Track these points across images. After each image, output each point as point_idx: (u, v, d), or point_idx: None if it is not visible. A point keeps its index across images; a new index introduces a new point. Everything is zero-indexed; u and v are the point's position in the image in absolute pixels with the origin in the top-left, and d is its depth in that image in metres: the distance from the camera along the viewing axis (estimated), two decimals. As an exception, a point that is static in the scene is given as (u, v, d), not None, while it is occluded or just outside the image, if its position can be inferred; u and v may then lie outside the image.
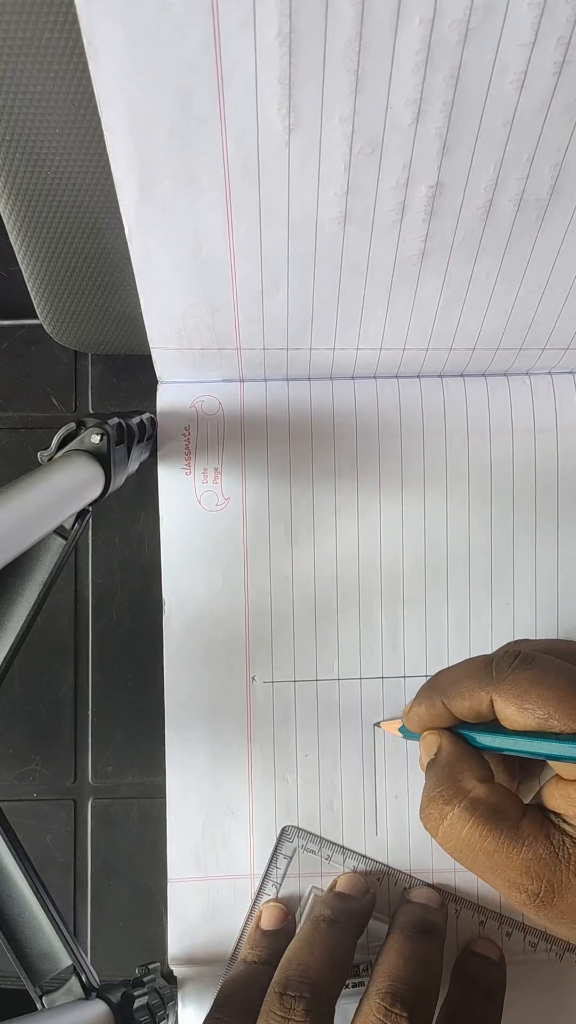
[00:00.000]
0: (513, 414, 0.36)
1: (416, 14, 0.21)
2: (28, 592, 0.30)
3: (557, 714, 0.25)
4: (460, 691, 0.27)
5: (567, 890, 0.25)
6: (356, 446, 0.35)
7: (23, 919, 0.30)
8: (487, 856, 0.25)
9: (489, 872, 0.26)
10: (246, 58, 0.22)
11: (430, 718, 0.29)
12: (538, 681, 0.26)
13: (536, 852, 0.25)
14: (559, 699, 0.25)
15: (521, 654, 0.27)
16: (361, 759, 0.35)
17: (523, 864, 0.25)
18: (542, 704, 0.25)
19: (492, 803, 0.26)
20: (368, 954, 0.33)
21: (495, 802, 0.26)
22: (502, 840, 0.25)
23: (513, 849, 0.25)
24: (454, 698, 0.28)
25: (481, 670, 0.27)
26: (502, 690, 0.26)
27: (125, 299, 0.34)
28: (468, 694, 0.27)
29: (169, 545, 0.35)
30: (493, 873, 0.26)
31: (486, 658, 0.28)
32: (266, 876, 0.34)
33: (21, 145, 0.27)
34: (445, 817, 0.26)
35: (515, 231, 0.28)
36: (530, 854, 0.25)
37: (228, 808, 0.34)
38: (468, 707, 0.27)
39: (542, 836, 0.25)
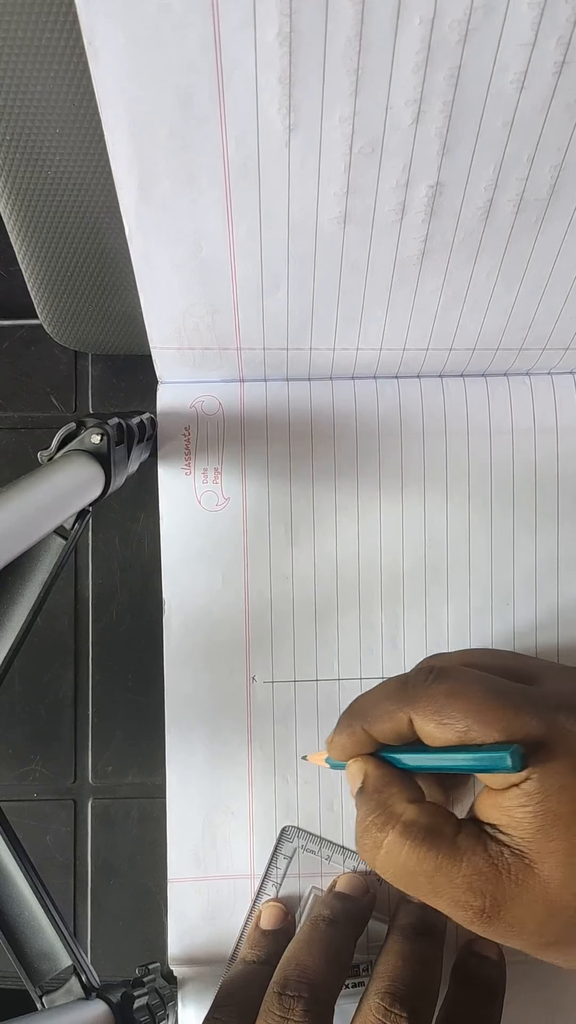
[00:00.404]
0: (513, 414, 0.36)
1: (416, 14, 0.21)
2: (28, 592, 0.30)
3: (475, 725, 0.25)
4: (379, 714, 0.27)
5: (512, 902, 0.24)
6: (356, 446, 0.35)
7: (23, 919, 0.30)
8: (427, 878, 0.25)
9: (432, 895, 0.25)
10: (246, 58, 0.22)
11: (353, 745, 0.28)
12: (453, 694, 0.25)
13: (476, 867, 0.24)
14: (475, 710, 0.25)
15: (435, 669, 0.27)
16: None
17: (464, 881, 0.24)
18: (459, 717, 0.25)
19: (425, 823, 0.26)
20: (368, 954, 0.33)
21: (428, 822, 0.26)
22: (440, 860, 0.25)
23: (453, 867, 0.25)
24: (374, 722, 0.27)
25: (397, 690, 0.27)
26: (419, 708, 0.26)
27: (125, 299, 0.34)
28: (387, 716, 0.27)
29: (169, 545, 0.35)
30: (436, 895, 0.25)
31: (401, 678, 0.28)
32: (266, 876, 0.34)
33: (21, 145, 0.27)
34: (380, 845, 0.26)
35: (515, 231, 0.28)
36: (470, 869, 0.24)
37: (228, 808, 0.34)
38: (389, 729, 0.27)
39: (480, 849, 0.25)
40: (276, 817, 0.34)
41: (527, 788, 0.24)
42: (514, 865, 0.24)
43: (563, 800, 0.24)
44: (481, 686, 0.25)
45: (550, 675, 0.28)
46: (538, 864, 0.24)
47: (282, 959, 0.29)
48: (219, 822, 0.34)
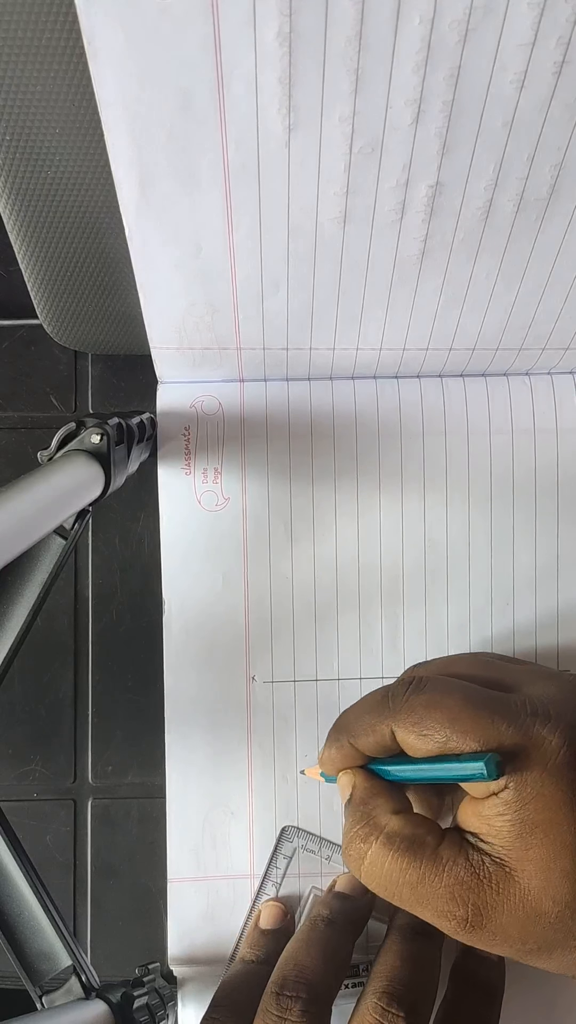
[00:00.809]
0: (513, 414, 0.36)
1: (416, 14, 0.21)
2: (28, 592, 0.30)
3: (454, 735, 0.25)
4: (363, 728, 0.27)
5: (494, 910, 0.24)
6: (356, 446, 0.35)
7: (23, 919, 0.30)
8: (411, 888, 0.25)
9: (416, 904, 0.25)
10: (246, 58, 0.22)
11: (342, 759, 0.29)
12: (432, 704, 0.25)
13: (457, 876, 0.24)
14: (453, 719, 0.25)
15: (415, 680, 0.27)
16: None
17: (447, 891, 0.24)
18: (438, 727, 0.25)
19: (408, 834, 0.26)
20: (367, 954, 0.33)
21: (411, 832, 0.26)
22: (423, 870, 0.25)
23: (435, 877, 0.25)
24: (359, 736, 0.28)
25: (379, 703, 0.27)
26: (400, 720, 0.26)
27: (125, 299, 0.34)
28: (370, 729, 0.27)
29: (169, 545, 0.35)
30: (420, 905, 0.25)
31: (383, 690, 0.28)
32: (266, 876, 0.34)
33: (21, 145, 0.27)
34: (364, 856, 0.26)
35: (515, 231, 0.28)
36: (452, 879, 0.24)
37: (228, 808, 0.34)
38: (373, 742, 0.27)
39: (461, 859, 0.25)
40: (276, 817, 0.34)
41: (505, 797, 0.24)
42: (495, 874, 0.24)
43: (539, 808, 0.24)
44: (460, 695, 0.26)
45: (529, 681, 0.28)
46: (518, 872, 0.24)
47: (280, 959, 0.29)
48: (219, 822, 0.34)
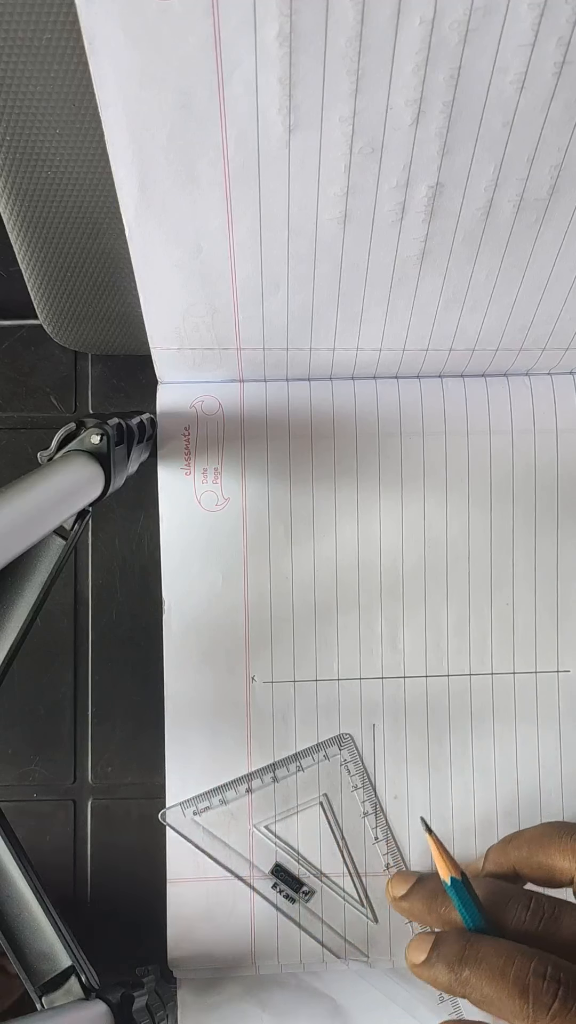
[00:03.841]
0: (513, 414, 0.36)
1: (416, 14, 0.21)
2: (28, 592, 0.30)
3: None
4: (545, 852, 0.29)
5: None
6: (356, 446, 0.35)
7: (23, 919, 0.30)
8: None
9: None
10: (246, 58, 0.22)
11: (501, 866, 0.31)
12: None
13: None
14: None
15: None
16: (360, 759, 0.35)
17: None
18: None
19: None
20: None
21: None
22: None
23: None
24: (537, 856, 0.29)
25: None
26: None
27: (125, 299, 0.34)
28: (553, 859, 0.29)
29: (169, 545, 0.35)
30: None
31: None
32: (298, 756, 0.34)
33: (21, 145, 0.27)
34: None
35: (515, 232, 0.28)
36: None
37: (227, 808, 0.34)
38: (545, 870, 0.29)
39: None
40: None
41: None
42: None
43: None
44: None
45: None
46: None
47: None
48: (218, 823, 0.34)
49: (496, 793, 0.34)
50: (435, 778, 0.35)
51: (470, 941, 0.27)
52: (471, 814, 0.34)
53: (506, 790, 0.35)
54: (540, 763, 0.35)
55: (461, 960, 0.26)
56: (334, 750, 0.34)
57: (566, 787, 0.34)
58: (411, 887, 0.31)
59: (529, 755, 0.35)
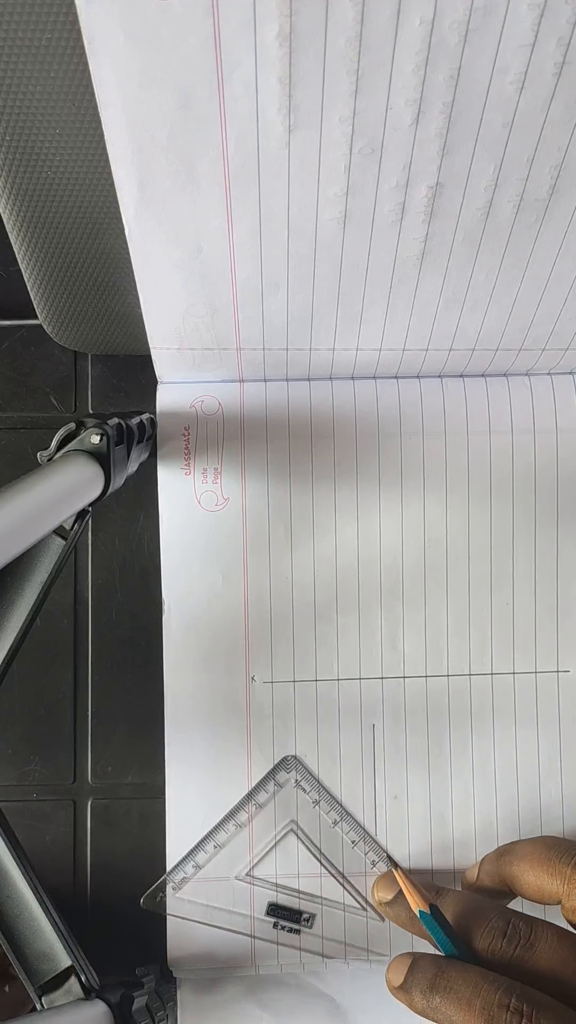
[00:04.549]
0: (513, 414, 0.36)
1: (416, 15, 0.21)
2: (28, 592, 0.30)
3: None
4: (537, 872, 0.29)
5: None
6: (356, 446, 0.35)
7: (23, 919, 0.30)
8: None
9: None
10: (246, 58, 0.22)
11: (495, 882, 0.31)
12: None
13: None
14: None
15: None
16: (360, 759, 0.35)
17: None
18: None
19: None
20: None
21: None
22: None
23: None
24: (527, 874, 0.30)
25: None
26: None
27: (125, 299, 0.34)
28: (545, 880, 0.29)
29: (169, 545, 0.35)
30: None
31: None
32: (251, 794, 0.34)
33: (21, 145, 0.27)
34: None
35: (515, 232, 0.28)
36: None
37: (227, 808, 0.34)
38: (537, 888, 0.29)
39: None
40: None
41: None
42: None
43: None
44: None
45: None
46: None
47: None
48: (218, 822, 0.34)
49: (496, 793, 0.34)
50: (435, 778, 0.35)
51: (442, 968, 0.27)
52: (471, 814, 0.34)
53: (506, 790, 0.35)
54: (540, 763, 0.35)
55: (432, 987, 0.27)
56: (283, 775, 0.34)
57: (566, 787, 0.34)
58: (396, 895, 0.31)
59: (529, 755, 0.35)
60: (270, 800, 0.34)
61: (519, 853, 0.30)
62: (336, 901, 0.34)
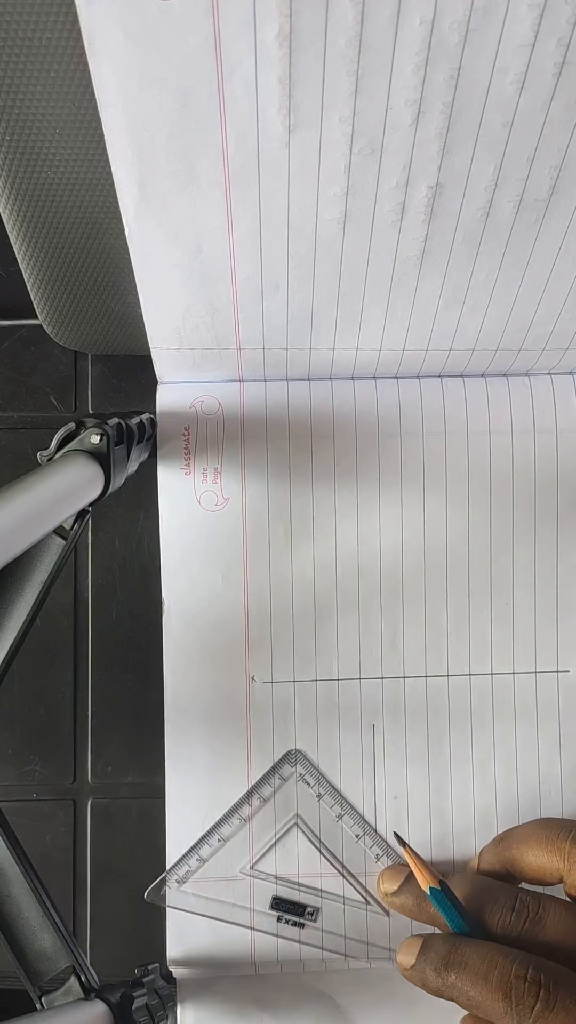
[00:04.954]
0: (512, 415, 0.36)
1: (416, 15, 0.21)
2: (28, 592, 0.30)
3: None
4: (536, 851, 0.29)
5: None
6: (356, 446, 0.35)
7: (22, 919, 0.30)
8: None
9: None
10: (246, 58, 0.22)
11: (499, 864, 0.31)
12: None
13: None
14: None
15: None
16: (360, 759, 0.35)
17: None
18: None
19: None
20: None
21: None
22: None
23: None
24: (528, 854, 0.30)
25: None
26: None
27: (125, 299, 0.34)
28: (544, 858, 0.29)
29: (169, 545, 0.35)
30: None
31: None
32: (255, 788, 0.34)
33: (21, 145, 0.27)
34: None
35: (515, 232, 0.28)
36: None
37: (227, 808, 0.34)
38: (537, 868, 0.29)
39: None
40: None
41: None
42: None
43: None
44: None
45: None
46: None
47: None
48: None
49: (495, 793, 0.34)
50: (435, 778, 0.35)
51: (455, 945, 0.27)
52: (471, 814, 0.34)
53: (505, 790, 0.35)
54: (540, 763, 0.35)
55: (447, 965, 0.27)
56: (287, 769, 0.34)
57: (565, 787, 0.34)
58: (402, 884, 0.31)
59: (529, 755, 0.35)
60: (274, 794, 0.34)
61: (517, 836, 0.30)
62: (337, 895, 0.34)
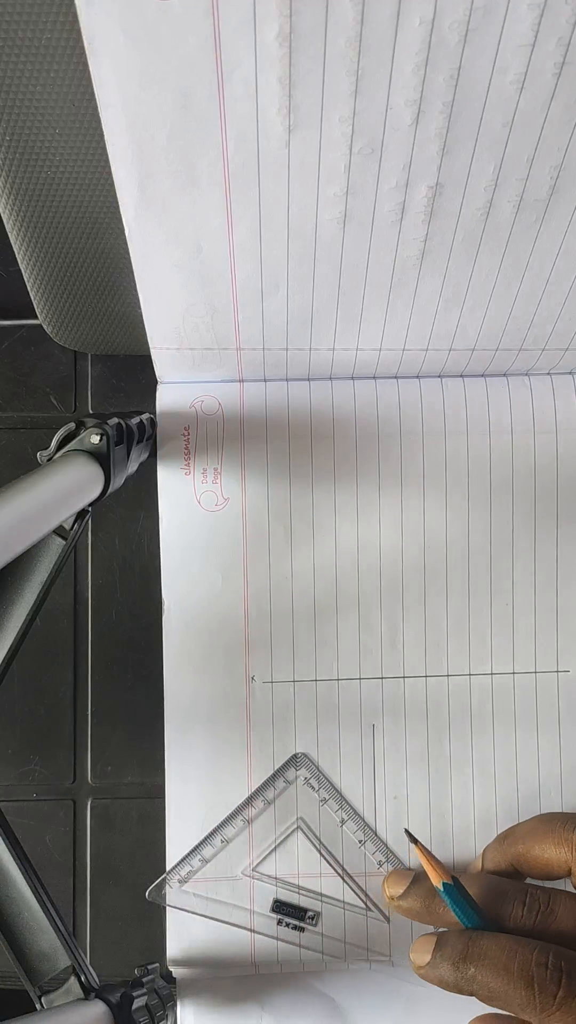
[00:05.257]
0: (512, 415, 0.36)
1: (416, 15, 0.21)
2: (28, 592, 0.30)
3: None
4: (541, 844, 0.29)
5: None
6: (355, 446, 0.35)
7: (22, 919, 0.30)
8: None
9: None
10: (246, 58, 0.22)
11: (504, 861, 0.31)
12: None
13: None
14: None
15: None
16: (360, 759, 0.35)
17: None
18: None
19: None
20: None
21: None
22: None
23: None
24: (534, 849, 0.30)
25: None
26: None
27: (125, 299, 0.34)
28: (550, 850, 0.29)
29: (168, 545, 0.35)
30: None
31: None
32: (259, 791, 0.34)
33: (21, 145, 0.27)
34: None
35: (514, 232, 0.28)
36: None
37: (227, 808, 0.34)
38: (544, 862, 0.29)
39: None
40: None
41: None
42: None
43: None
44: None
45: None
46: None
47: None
48: (218, 821, 0.34)
49: (495, 793, 0.34)
50: (435, 778, 0.35)
51: (472, 939, 0.27)
52: (470, 814, 0.34)
53: (505, 790, 0.35)
54: (539, 763, 0.35)
55: (465, 958, 0.26)
56: (291, 772, 0.34)
57: (566, 787, 0.34)
58: (408, 887, 0.31)
59: (529, 755, 0.35)
60: (278, 797, 0.34)
61: (520, 833, 0.30)
62: (338, 900, 0.34)
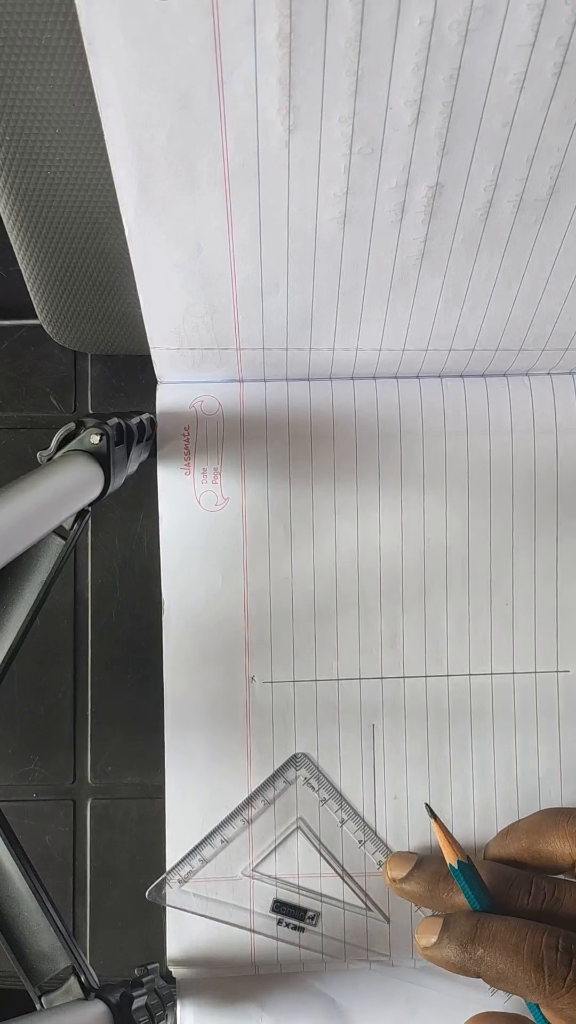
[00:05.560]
0: (512, 415, 0.36)
1: (416, 15, 0.21)
2: (28, 592, 0.30)
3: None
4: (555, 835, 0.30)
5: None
6: (355, 447, 0.35)
7: (22, 919, 0.30)
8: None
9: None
10: (246, 58, 0.22)
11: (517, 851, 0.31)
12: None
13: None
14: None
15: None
16: (360, 759, 0.35)
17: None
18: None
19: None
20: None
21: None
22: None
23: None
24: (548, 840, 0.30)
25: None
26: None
27: (125, 299, 0.34)
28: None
29: (168, 545, 0.35)
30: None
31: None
32: (259, 790, 0.34)
33: (21, 145, 0.27)
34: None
35: (514, 232, 0.28)
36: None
37: (227, 808, 0.34)
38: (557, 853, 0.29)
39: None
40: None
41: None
42: None
43: None
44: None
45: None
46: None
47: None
48: (218, 822, 0.34)
49: (495, 793, 0.34)
50: (435, 778, 0.35)
51: (480, 920, 0.27)
52: (470, 814, 0.34)
53: (505, 790, 0.35)
54: (539, 763, 0.35)
55: (473, 939, 0.27)
56: (291, 773, 0.34)
57: (565, 787, 0.34)
58: (411, 870, 0.31)
59: (528, 755, 0.35)
60: (278, 797, 0.34)
61: (524, 827, 0.31)
62: (338, 900, 0.34)
